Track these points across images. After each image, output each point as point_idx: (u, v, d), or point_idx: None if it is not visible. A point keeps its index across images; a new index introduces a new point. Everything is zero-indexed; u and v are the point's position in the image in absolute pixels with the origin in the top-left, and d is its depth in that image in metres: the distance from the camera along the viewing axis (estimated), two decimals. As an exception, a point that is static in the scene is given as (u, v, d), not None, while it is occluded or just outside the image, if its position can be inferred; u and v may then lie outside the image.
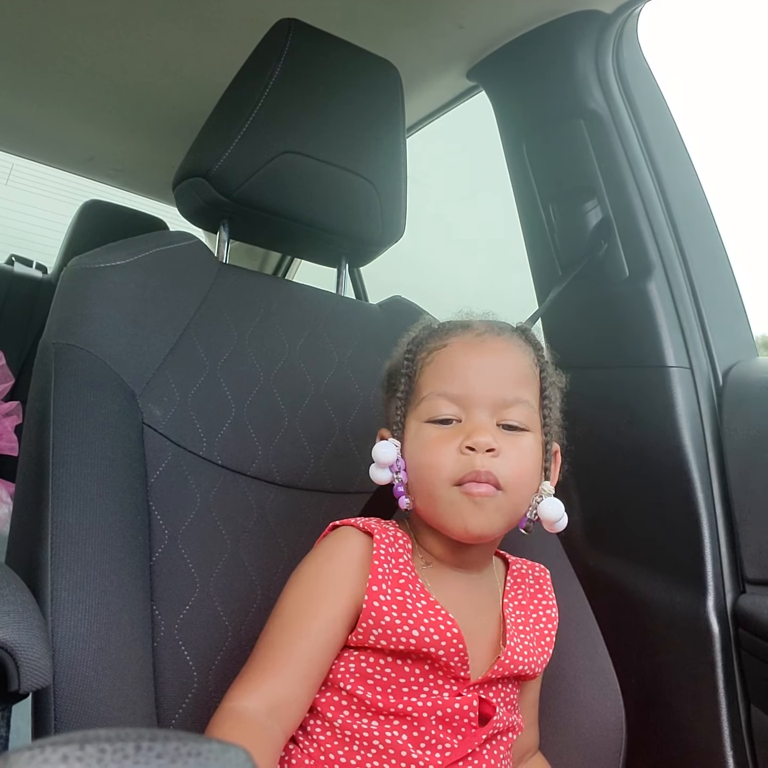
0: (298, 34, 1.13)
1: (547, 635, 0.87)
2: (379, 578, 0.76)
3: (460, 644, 0.75)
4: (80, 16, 1.47)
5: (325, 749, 0.73)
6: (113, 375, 0.93)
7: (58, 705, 0.70)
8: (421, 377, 0.82)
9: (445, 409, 0.79)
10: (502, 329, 0.84)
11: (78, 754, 0.26)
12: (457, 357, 0.80)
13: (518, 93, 1.38)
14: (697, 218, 1.27)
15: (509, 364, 0.81)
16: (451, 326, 0.85)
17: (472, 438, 0.76)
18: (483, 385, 0.78)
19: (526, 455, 0.79)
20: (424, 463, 0.78)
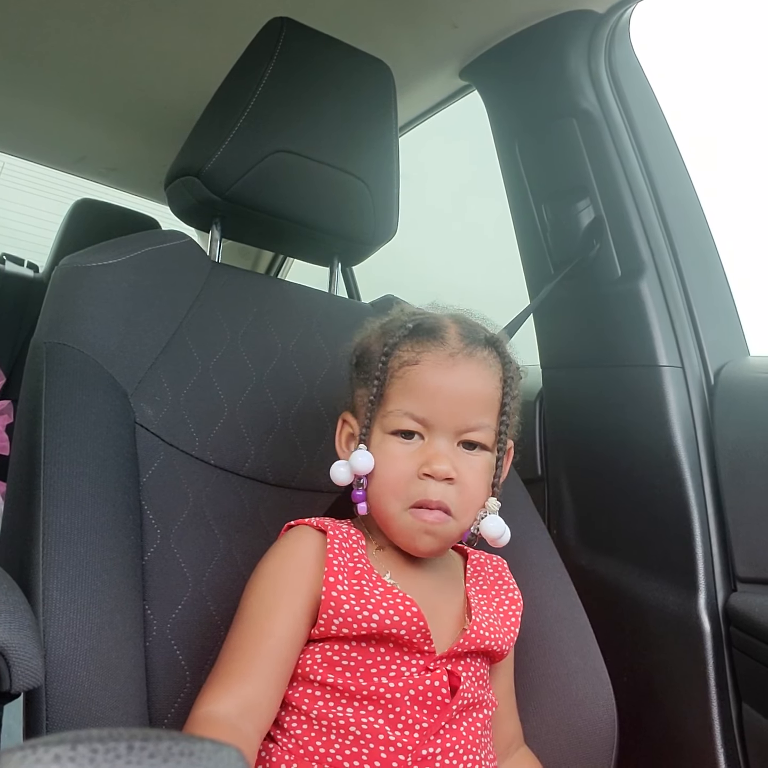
0: (290, 33, 1.13)
1: (512, 616, 0.88)
2: (335, 569, 0.78)
3: (421, 621, 0.76)
4: (72, 15, 1.47)
5: (303, 742, 0.73)
6: (105, 374, 0.93)
7: (50, 705, 0.70)
8: (390, 388, 0.83)
9: (410, 424, 0.81)
10: (474, 347, 0.83)
11: (70, 754, 0.26)
12: (426, 379, 0.81)
13: (511, 92, 1.38)
14: (688, 218, 1.28)
15: (476, 392, 0.81)
16: (424, 337, 0.83)
17: (431, 465, 0.78)
18: (448, 412, 0.80)
19: (481, 477, 0.82)
20: (384, 480, 0.81)
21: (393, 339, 0.83)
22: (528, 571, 1.03)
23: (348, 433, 0.88)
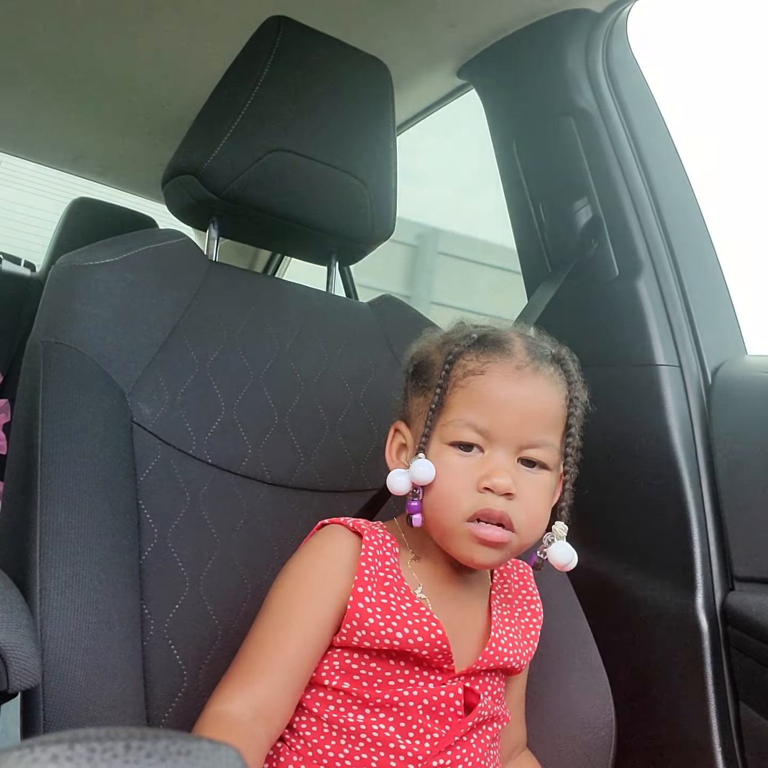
0: (287, 32, 1.12)
1: (532, 629, 0.87)
2: (365, 579, 0.76)
3: (444, 645, 0.75)
4: (69, 14, 1.46)
5: (312, 744, 0.73)
6: (102, 373, 0.93)
7: (48, 704, 0.70)
8: (453, 397, 0.80)
9: (471, 435, 0.78)
10: (541, 362, 0.81)
11: (68, 754, 0.26)
12: (491, 390, 0.78)
13: (508, 91, 1.38)
14: (686, 217, 1.28)
15: (542, 407, 0.79)
16: (491, 348, 0.81)
17: (491, 479, 0.75)
18: (512, 425, 0.77)
19: (542, 497, 0.79)
20: (442, 493, 0.78)
21: (458, 348, 0.81)
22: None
23: (399, 443, 0.85)
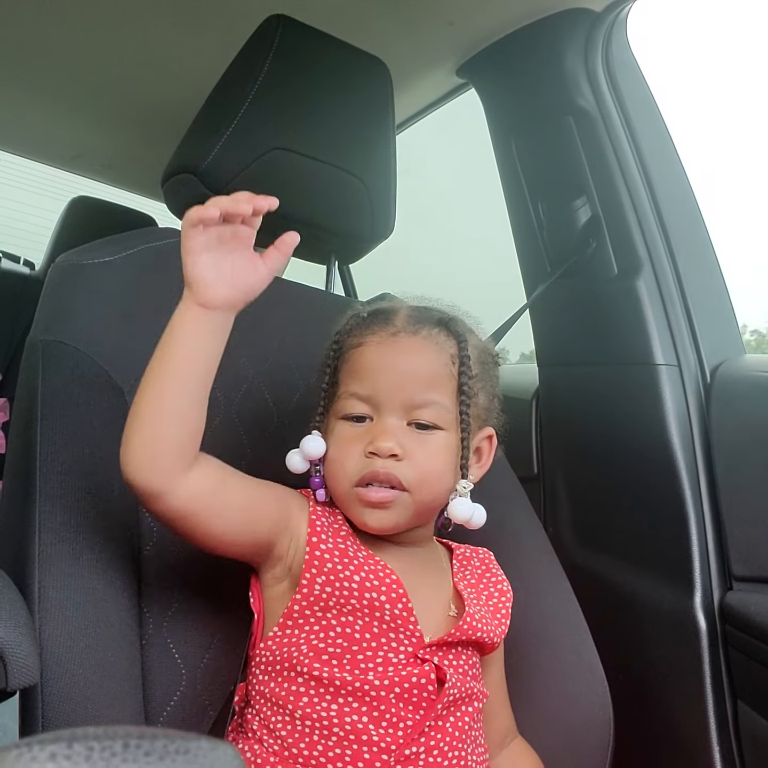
0: (287, 30, 1.12)
1: (501, 608, 0.88)
2: (318, 530, 0.80)
3: (400, 589, 0.77)
4: (69, 11, 1.46)
5: (288, 744, 0.73)
6: (101, 372, 0.93)
7: (46, 703, 0.70)
8: (340, 373, 0.85)
9: (358, 407, 0.81)
10: (421, 326, 0.83)
11: (66, 752, 0.26)
12: (368, 358, 0.82)
13: (508, 90, 1.38)
14: (685, 216, 1.28)
15: (420, 366, 0.81)
16: (372, 320, 0.85)
17: (375, 443, 0.78)
18: (392, 388, 0.80)
19: (434, 455, 0.80)
20: (334, 462, 0.82)
21: (345, 326, 0.86)
22: (524, 569, 1.03)
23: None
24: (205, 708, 0.86)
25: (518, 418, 1.44)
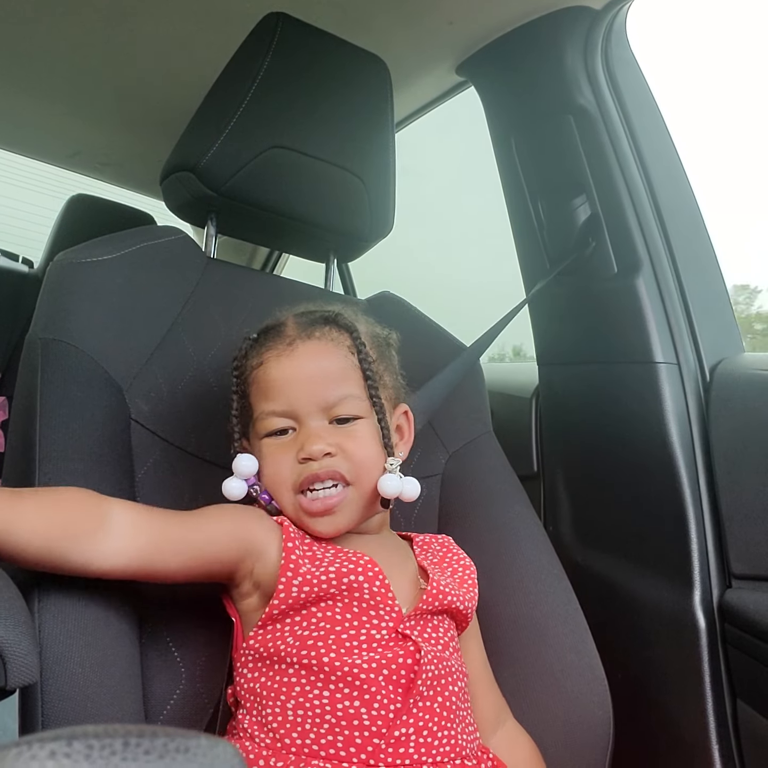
0: (286, 28, 1.12)
1: (467, 579, 0.90)
2: (291, 536, 0.81)
3: (376, 567, 0.79)
4: (67, 9, 1.46)
5: (279, 735, 0.74)
6: (100, 370, 0.93)
7: (46, 701, 0.70)
8: (250, 397, 0.86)
9: (278, 423, 0.83)
10: (312, 329, 0.86)
11: (66, 750, 0.26)
12: (272, 374, 0.83)
13: (507, 89, 1.38)
14: (685, 215, 1.28)
15: (324, 367, 0.83)
16: (265, 337, 0.87)
17: (306, 449, 0.80)
18: (305, 395, 0.82)
19: (363, 444, 0.83)
20: (271, 476, 0.83)
21: (240, 353, 0.87)
22: (524, 568, 1.04)
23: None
24: (204, 706, 0.86)
25: (518, 417, 1.45)
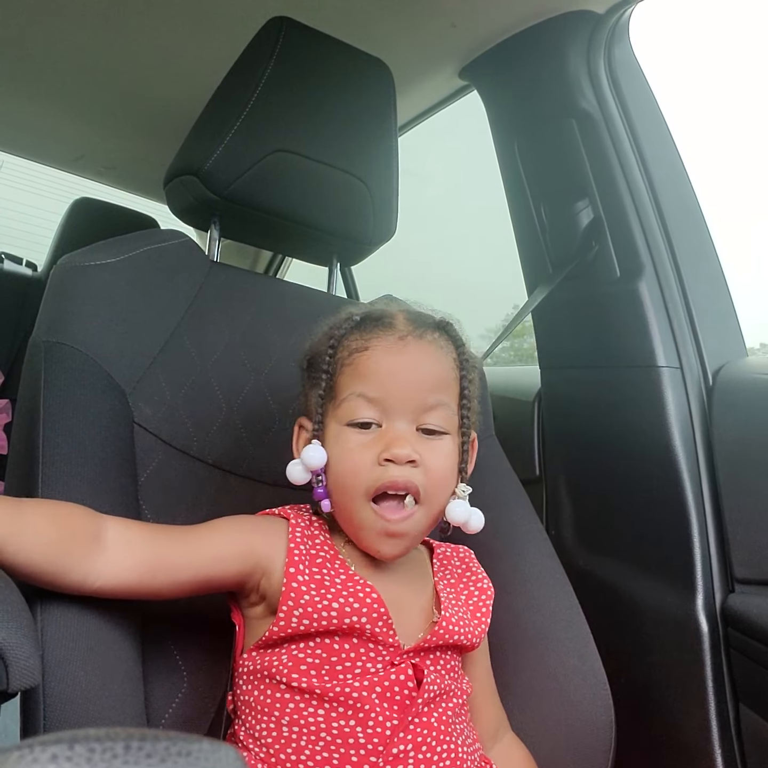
0: (289, 32, 1.13)
1: (482, 606, 0.87)
2: (296, 560, 0.77)
3: (382, 608, 0.75)
4: (71, 13, 1.47)
5: (274, 750, 0.73)
6: (103, 373, 0.93)
7: (48, 704, 0.70)
8: (341, 377, 0.81)
9: (365, 411, 0.78)
10: (424, 330, 0.82)
11: (67, 754, 0.26)
12: (377, 361, 0.79)
13: (510, 92, 1.38)
14: (687, 219, 1.28)
15: (430, 369, 0.80)
16: (373, 324, 0.82)
17: (391, 450, 0.76)
18: (403, 390, 0.78)
19: (444, 461, 0.79)
20: (343, 473, 0.78)
21: (339, 331, 0.83)
22: (526, 572, 1.03)
23: (305, 438, 0.85)
24: (206, 710, 0.86)
25: (520, 421, 1.44)
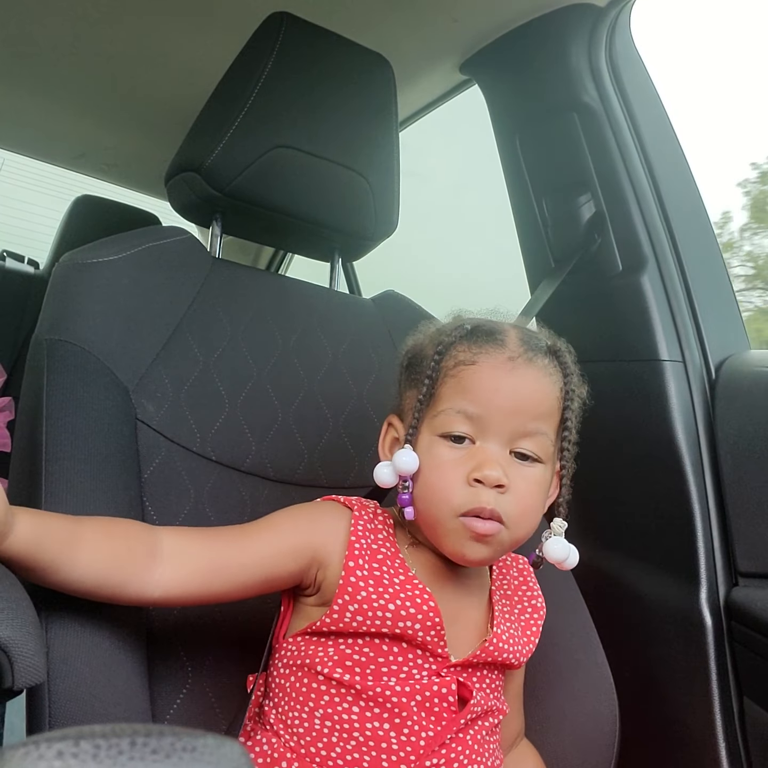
0: (290, 28, 1.12)
1: (533, 625, 0.86)
2: (356, 553, 0.76)
3: (437, 617, 0.75)
4: (71, 10, 1.46)
5: (305, 742, 0.73)
6: (106, 371, 0.93)
7: (53, 701, 0.70)
8: (443, 387, 0.79)
9: (462, 426, 0.76)
10: (535, 354, 0.79)
11: (73, 750, 0.26)
12: (483, 379, 0.77)
13: (511, 87, 1.38)
14: (689, 212, 1.27)
15: (535, 396, 0.78)
16: (484, 339, 0.79)
17: (482, 470, 0.74)
18: (503, 414, 0.75)
19: (535, 489, 0.78)
20: (433, 486, 0.76)
21: (449, 338, 0.80)
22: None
23: (393, 438, 0.84)
24: (211, 705, 0.86)
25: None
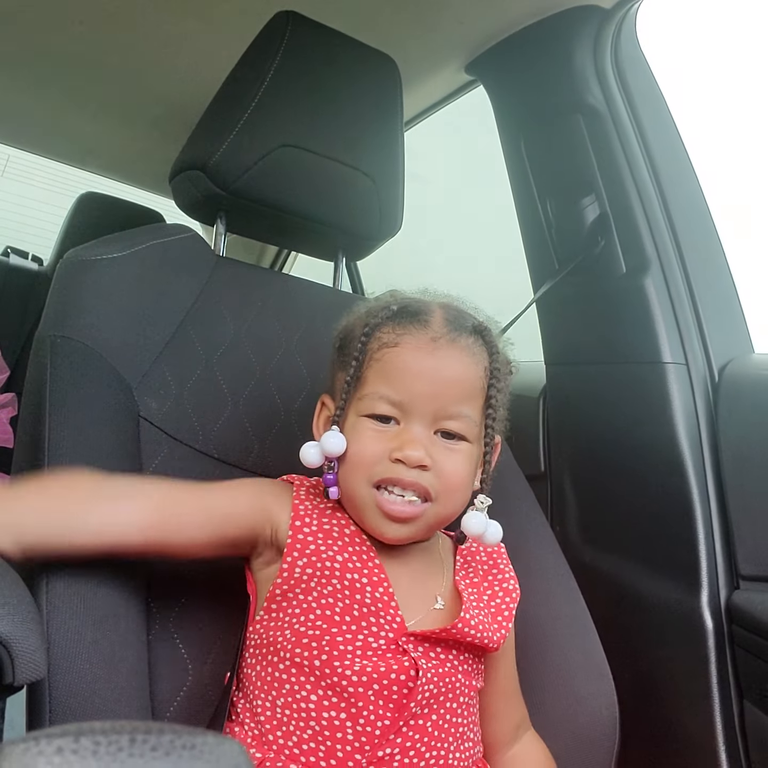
0: (296, 27, 1.12)
1: (504, 609, 0.85)
2: (301, 514, 0.79)
3: (382, 574, 0.76)
4: (77, 7, 1.46)
5: (265, 730, 0.74)
6: (109, 367, 0.93)
7: (53, 697, 0.70)
8: (368, 371, 0.80)
9: (385, 410, 0.78)
10: (459, 334, 0.79)
11: (73, 747, 0.26)
12: (404, 362, 0.78)
13: (516, 88, 1.38)
14: (694, 215, 1.27)
15: (457, 378, 0.78)
16: (408, 319, 0.80)
17: (403, 451, 0.75)
18: (426, 397, 0.77)
19: (460, 467, 0.78)
20: (353, 461, 0.78)
21: (375, 320, 0.81)
22: (530, 568, 1.03)
23: (326, 417, 0.86)
24: (212, 703, 0.86)
25: (525, 416, 1.44)
